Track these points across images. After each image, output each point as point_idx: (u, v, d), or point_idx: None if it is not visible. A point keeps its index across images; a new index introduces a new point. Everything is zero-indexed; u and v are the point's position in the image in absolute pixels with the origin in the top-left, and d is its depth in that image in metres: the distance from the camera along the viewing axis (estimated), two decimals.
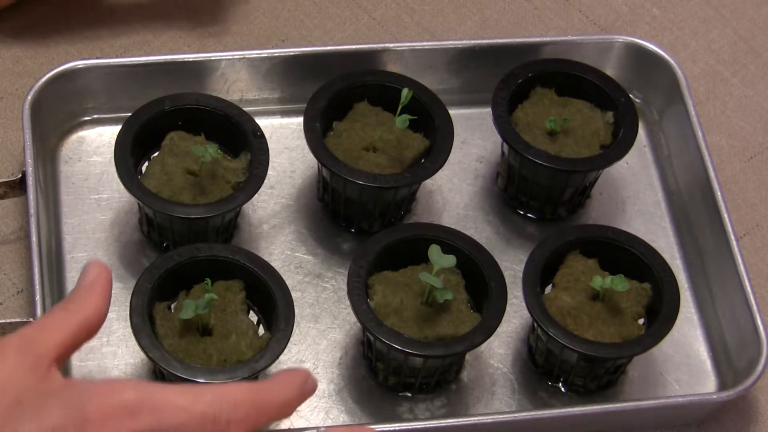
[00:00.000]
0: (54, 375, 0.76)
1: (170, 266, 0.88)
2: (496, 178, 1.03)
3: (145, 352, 0.85)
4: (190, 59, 1.02)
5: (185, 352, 0.86)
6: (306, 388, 0.78)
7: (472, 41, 1.06)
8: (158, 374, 0.90)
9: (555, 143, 0.98)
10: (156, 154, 0.95)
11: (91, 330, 0.79)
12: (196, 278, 0.89)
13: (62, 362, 0.77)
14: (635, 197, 1.04)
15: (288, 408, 0.76)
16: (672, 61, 1.05)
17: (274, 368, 0.91)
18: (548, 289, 0.93)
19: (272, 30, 1.10)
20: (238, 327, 0.87)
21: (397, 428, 0.88)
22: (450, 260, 0.90)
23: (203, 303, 0.86)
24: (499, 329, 0.89)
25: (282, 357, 0.87)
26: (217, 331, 0.87)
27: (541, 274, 0.92)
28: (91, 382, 0.74)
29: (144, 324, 0.85)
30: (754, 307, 0.94)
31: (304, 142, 0.95)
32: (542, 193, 1.00)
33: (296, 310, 0.89)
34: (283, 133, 1.04)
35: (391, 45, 1.04)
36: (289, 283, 0.90)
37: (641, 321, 0.92)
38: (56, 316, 0.78)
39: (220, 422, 0.73)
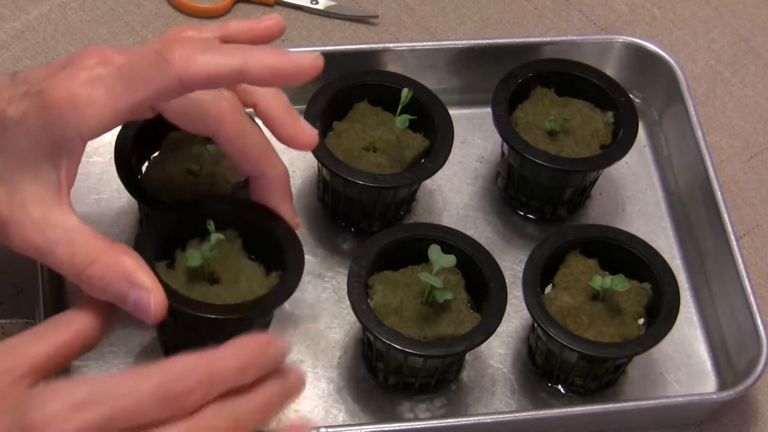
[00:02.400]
0: (21, 384, 0.75)
1: (164, 224, 0.86)
2: (496, 178, 1.03)
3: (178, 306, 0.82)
4: None
5: None
6: (272, 352, 0.77)
7: (472, 41, 1.06)
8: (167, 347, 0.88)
9: (555, 143, 0.98)
10: (156, 154, 0.95)
11: (77, 348, 0.79)
12: (188, 236, 0.87)
13: (45, 374, 0.77)
14: (635, 197, 1.04)
15: (244, 373, 0.75)
16: (672, 61, 1.05)
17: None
18: (548, 289, 0.93)
19: None
20: (244, 270, 0.86)
21: (397, 428, 0.88)
22: (450, 260, 0.90)
23: (209, 246, 0.84)
24: (499, 329, 0.89)
25: None
26: (225, 278, 0.86)
27: (541, 274, 0.92)
28: (48, 385, 0.74)
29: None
30: (754, 307, 0.94)
31: None
32: (542, 193, 1.00)
33: (296, 311, 0.88)
34: None
35: (391, 45, 1.04)
36: None
37: (641, 321, 0.92)
38: (45, 327, 0.78)
39: (169, 397, 0.72)
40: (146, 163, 0.95)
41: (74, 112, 0.77)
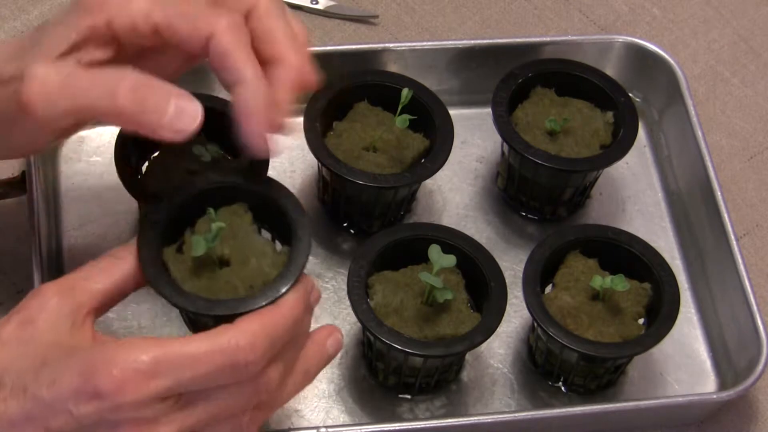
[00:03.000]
0: (86, 328, 0.76)
1: (171, 206, 0.83)
2: (496, 178, 1.03)
3: (182, 308, 0.80)
4: None
5: (208, 289, 0.81)
6: (313, 300, 0.80)
7: (472, 41, 1.06)
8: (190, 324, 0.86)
9: (555, 143, 0.98)
10: (156, 154, 0.95)
11: (130, 285, 0.79)
12: (197, 214, 0.84)
13: (102, 312, 0.78)
14: (635, 197, 1.04)
15: (298, 325, 0.78)
16: (672, 61, 1.05)
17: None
18: (548, 289, 0.93)
19: None
20: (254, 249, 0.83)
21: (397, 428, 0.88)
22: (450, 260, 0.90)
23: (212, 234, 0.81)
24: (499, 329, 0.89)
25: None
26: (235, 258, 0.83)
27: (541, 274, 0.92)
28: (110, 343, 0.74)
29: (163, 275, 0.80)
30: (754, 307, 0.94)
31: (304, 142, 0.95)
32: (542, 193, 1.00)
33: None
34: None
35: (391, 45, 1.04)
36: None
37: (641, 321, 0.92)
38: (102, 263, 0.78)
39: (238, 366, 0.73)
40: (146, 163, 0.95)
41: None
